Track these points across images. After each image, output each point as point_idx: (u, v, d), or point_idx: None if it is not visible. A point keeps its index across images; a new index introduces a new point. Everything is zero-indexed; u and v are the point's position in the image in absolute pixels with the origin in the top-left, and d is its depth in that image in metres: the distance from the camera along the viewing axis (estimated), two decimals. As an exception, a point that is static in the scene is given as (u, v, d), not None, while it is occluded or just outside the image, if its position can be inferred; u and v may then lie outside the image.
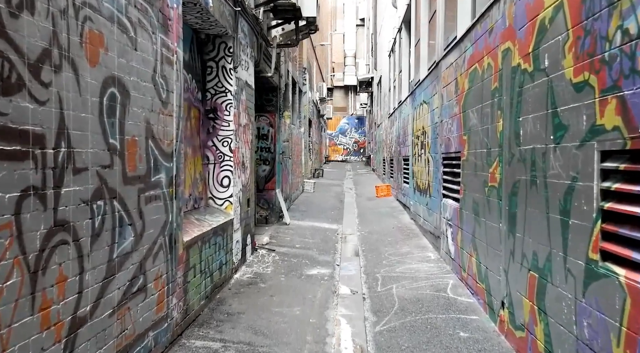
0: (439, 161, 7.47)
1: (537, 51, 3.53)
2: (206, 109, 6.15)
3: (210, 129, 6.16)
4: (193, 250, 4.66)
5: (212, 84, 6.16)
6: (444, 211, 6.99)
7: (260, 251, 7.64)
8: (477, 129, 5.20)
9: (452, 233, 6.39)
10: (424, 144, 9.12)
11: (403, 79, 12.99)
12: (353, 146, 41.22)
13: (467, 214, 5.63)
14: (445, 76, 6.91)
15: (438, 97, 7.51)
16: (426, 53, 9.21)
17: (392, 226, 10.03)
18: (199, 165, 6.00)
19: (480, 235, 5.04)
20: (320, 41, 25.36)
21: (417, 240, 8.54)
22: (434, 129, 8.00)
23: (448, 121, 6.73)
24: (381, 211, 12.22)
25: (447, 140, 6.81)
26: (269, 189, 10.17)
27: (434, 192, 7.89)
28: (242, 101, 6.67)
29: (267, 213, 10.17)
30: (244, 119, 6.84)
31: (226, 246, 5.89)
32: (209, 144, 6.16)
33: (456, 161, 6.32)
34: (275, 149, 10.21)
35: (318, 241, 8.72)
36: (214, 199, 6.17)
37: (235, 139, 6.27)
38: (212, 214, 5.77)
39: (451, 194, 6.64)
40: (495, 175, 4.53)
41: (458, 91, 6.09)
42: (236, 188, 6.35)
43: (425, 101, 8.93)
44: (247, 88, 6.98)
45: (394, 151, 15.24)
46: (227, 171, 6.17)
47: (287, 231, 9.40)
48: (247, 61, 6.96)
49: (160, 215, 3.81)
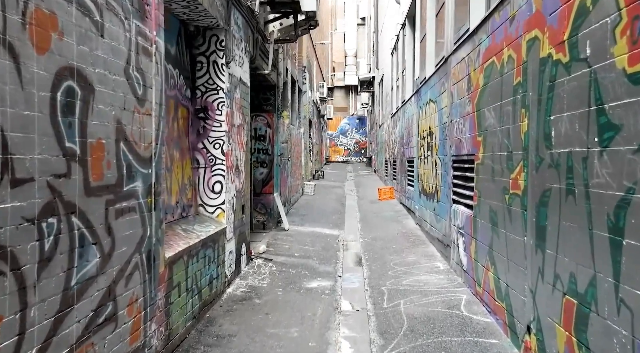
0: (448, 164, 6.95)
1: (575, 38, 3.01)
2: (196, 108, 5.63)
3: (200, 130, 5.64)
4: (177, 266, 4.14)
5: (203, 81, 5.64)
6: (454, 219, 6.47)
7: (256, 261, 7.12)
8: (494, 130, 4.68)
9: (464, 243, 5.87)
10: (430, 146, 8.59)
11: (407, 77, 12.47)
12: (354, 146, 40.70)
13: (482, 224, 5.11)
14: (456, 72, 6.39)
15: (447, 96, 7.00)
16: (433, 49, 8.68)
17: (396, 232, 9.50)
18: (188, 169, 5.49)
19: (499, 247, 4.52)
20: (321, 40, 24.86)
21: (424, 248, 8.02)
22: (442, 130, 7.47)
23: (459, 121, 6.21)
24: (384, 215, 11.70)
25: (457, 141, 6.29)
26: (267, 193, 9.65)
27: (443, 197, 7.37)
28: (235, 100, 6.15)
29: (264, 218, 9.65)
30: (238, 119, 6.32)
31: (217, 258, 5.37)
32: (199, 147, 5.64)
33: (469, 164, 5.80)
34: (273, 151, 9.69)
35: (318, 249, 8.20)
36: (204, 206, 5.65)
37: (228, 141, 5.75)
38: (202, 224, 5.25)
39: (463, 200, 6.11)
40: (519, 181, 4.01)
41: (471, 88, 5.57)
42: (229, 193, 5.83)
43: (432, 99, 8.41)
44: (241, 86, 6.46)
45: (397, 152, 14.71)
46: (219, 175, 5.65)
47: (286, 238, 8.87)
48: (241, 57, 6.44)
49: (135, 230, 3.29)
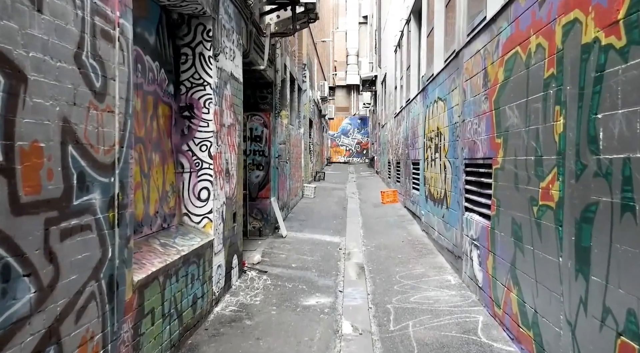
0: (459, 168, 6.34)
1: (636, 16, 2.41)
2: (180, 106, 5.04)
3: (185, 130, 5.05)
4: (151, 290, 3.55)
5: (188, 76, 5.05)
6: (466, 228, 5.87)
7: (249, 273, 6.52)
8: (518, 131, 4.08)
9: (480, 257, 5.27)
10: (438, 147, 7.99)
11: (412, 75, 11.86)
12: (355, 147, 40.10)
13: (502, 237, 4.51)
14: (469, 67, 5.79)
15: (458, 93, 6.39)
16: (442, 43, 8.08)
17: (401, 240, 8.90)
18: (171, 174, 4.89)
19: (525, 266, 3.92)
20: (322, 38, 24.27)
21: (432, 258, 7.42)
22: (452, 130, 6.87)
23: (473, 121, 5.61)
24: (388, 220, 11.10)
25: (471, 143, 5.69)
26: (263, 197, 9.06)
27: (453, 203, 6.76)
28: (225, 97, 5.55)
29: (260, 224, 9.05)
30: (229, 118, 5.72)
31: (203, 274, 4.77)
32: (183, 149, 5.05)
33: (485, 168, 5.20)
34: (270, 153, 9.09)
35: (318, 259, 7.60)
36: (189, 215, 5.06)
37: (216, 142, 5.16)
38: (185, 236, 4.66)
39: (477, 208, 5.51)
40: (551, 192, 3.41)
41: (488, 84, 4.97)
42: (217, 201, 5.24)
43: (440, 97, 7.81)
44: (232, 81, 5.87)
45: (400, 153, 14.11)
46: (206, 181, 5.06)
47: (283, 246, 8.27)
48: (232, 49, 5.84)
49: (90, 252, 2.69)
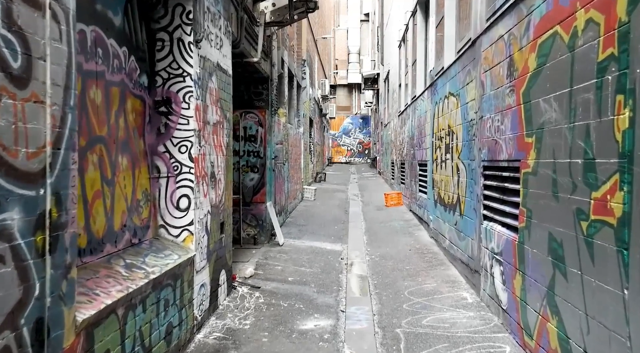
0: (476, 171, 5.63)
1: None
2: (155, 100, 4.33)
3: (161, 129, 4.34)
4: (105, 328, 2.84)
5: (164, 65, 4.34)
6: (486, 240, 5.15)
7: (240, 289, 5.81)
8: (557, 127, 3.37)
9: (504, 274, 4.55)
10: (449, 148, 7.28)
11: (418, 70, 11.14)
12: (357, 147, 39.39)
13: (534, 254, 3.79)
14: (489, 56, 5.08)
15: (475, 86, 5.68)
16: (453, 32, 7.36)
17: (408, 248, 8.19)
18: (144, 180, 4.19)
19: (568, 294, 3.20)
20: (322, 34, 23.57)
21: (444, 270, 6.70)
22: (467, 128, 6.16)
23: (494, 117, 4.90)
24: (393, 225, 10.38)
25: (491, 143, 4.98)
26: (258, 202, 8.34)
27: (468, 210, 6.05)
28: (210, 90, 4.85)
29: (255, 231, 8.34)
30: (215, 115, 5.02)
31: (181, 298, 4.06)
32: (159, 150, 4.34)
33: (510, 172, 4.48)
34: (265, 154, 8.38)
35: (317, 270, 6.89)
36: (166, 228, 4.35)
37: (198, 143, 4.45)
38: (159, 254, 3.95)
39: (500, 218, 4.79)
40: (610, 204, 2.69)
41: (515, 74, 4.26)
42: (200, 210, 4.53)
43: (452, 92, 7.09)
44: (219, 73, 5.16)
45: (405, 154, 13.39)
46: (187, 187, 4.35)
47: (280, 256, 7.56)
48: (219, 37, 5.14)
49: (2, 292, 1.99)
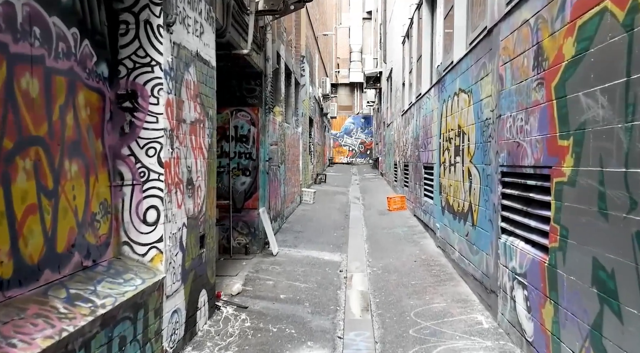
0: (492, 177, 4.95)
1: None
2: (118, 94, 3.66)
3: (125, 128, 3.67)
4: (23, 389, 2.17)
5: (129, 52, 3.67)
6: (505, 256, 4.48)
7: (225, 310, 5.14)
8: (606, 128, 2.69)
9: (529, 300, 3.87)
10: (459, 150, 6.60)
11: (424, 66, 10.46)
12: (359, 147, 38.72)
13: (572, 282, 3.12)
14: (509, 45, 4.40)
15: (491, 81, 5.00)
16: (464, 23, 6.68)
17: (413, 259, 7.51)
18: (103, 188, 3.52)
19: (625, 340, 2.52)
20: (323, 31, 22.89)
21: (454, 286, 6.02)
22: (481, 129, 5.48)
23: (516, 116, 4.22)
24: (397, 232, 9.69)
25: (512, 145, 4.31)
26: (250, 208, 7.67)
27: (482, 221, 5.37)
28: (187, 83, 4.18)
29: (247, 240, 7.67)
30: (193, 112, 4.35)
31: (144, 332, 3.39)
32: (123, 153, 3.68)
33: (537, 180, 3.80)
34: (258, 155, 7.71)
35: (313, 286, 6.21)
36: (131, 245, 3.68)
37: (170, 144, 3.78)
38: (117, 278, 3.28)
39: (523, 232, 4.11)
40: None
41: (544, 64, 3.58)
42: (172, 223, 3.86)
43: (463, 89, 6.41)
44: (199, 64, 4.49)
45: (409, 155, 12.71)
46: (155, 197, 3.68)
47: (272, 269, 6.89)
48: (199, 23, 4.47)
49: None
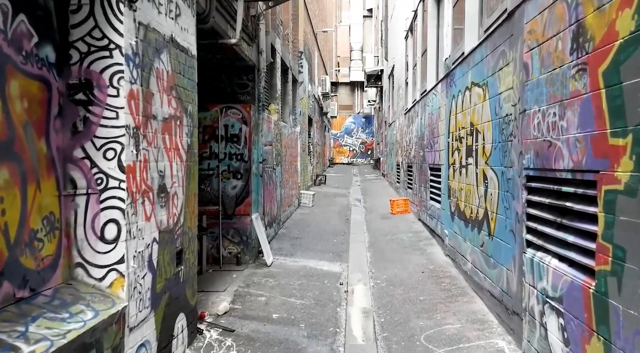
0: (515, 181, 4.31)
1: None
2: (69, 84, 3.02)
3: (78, 125, 3.03)
4: None
5: (82, 33, 3.03)
6: (533, 275, 3.83)
7: (208, 334, 4.49)
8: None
9: (567, 331, 3.22)
10: (472, 150, 5.96)
11: (429, 61, 9.81)
12: (360, 147, 38.06)
13: (633, 319, 2.47)
14: (537, 28, 3.76)
15: (512, 71, 4.36)
16: (477, 9, 6.04)
17: (420, 269, 6.86)
18: (48, 199, 2.87)
19: None
20: (323, 28, 22.25)
21: (467, 303, 5.37)
22: (499, 126, 4.84)
23: (547, 110, 3.57)
24: (401, 238, 9.04)
25: (542, 145, 3.66)
26: (242, 214, 7.02)
27: (501, 231, 4.73)
28: (158, 73, 3.54)
29: (238, 249, 7.02)
30: (167, 107, 3.70)
31: (97, 376, 2.75)
32: (75, 156, 3.03)
33: (577, 187, 3.15)
34: (251, 156, 7.06)
35: (310, 302, 5.56)
36: (85, 267, 3.04)
37: (134, 145, 3.14)
38: (61, 312, 2.63)
39: (556, 248, 3.46)
40: None
41: (587, 46, 2.94)
42: (138, 240, 3.21)
43: (476, 82, 5.77)
44: (174, 51, 3.85)
45: (413, 156, 12.06)
46: (115, 208, 3.04)
47: (265, 282, 6.24)
48: (174, 2, 3.83)
49: None
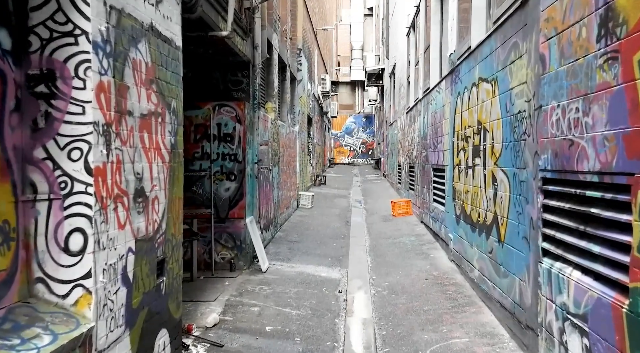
0: (529, 184, 3.94)
1: None
2: (29, 75, 2.66)
3: (39, 121, 2.67)
4: None
5: (43, 16, 2.67)
6: (551, 287, 3.46)
7: (194, 349, 4.12)
8: None
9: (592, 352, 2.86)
10: (479, 150, 5.59)
11: (432, 58, 9.44)
12: (360, 147, 37.71)
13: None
14: (556, 15, 3.39)
15: (527, 64, 3.99)
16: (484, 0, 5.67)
17: (424, 275, 6.49)
18: (3, 206, 2.51)
19: None
20: (323, 25, 21.89)
21: (475, 314, 5.00)
22: (510, 124, 4.47)
23: (568, 105, 3.21)
24: (403, 242, 8.68)
25: (562, 144, 3.29)
26: (235, 217, 6.66)
27: (513, 237, 4.36)
28: (135, 64, 3.17)
29: (232, 254, 6.66)
30: (145, 102, 3.34)
31: (55, 411, 2.38)
32: (35, 156, 2.67)
33: (607, 191, 2.78)
34: (245, 157, 6.69)
35: (306, 313, 5.19)
36: (47, 283, 2.67)
37: (104, 144, 2.77)
38: (11, 337, 2.26)
39: (581, 260, 3.09)
40: None
41: (619, 31, 2.58)
42: (109, 251, 2.85)
43: (484, 78, 5.40)
44: (155, 41, 3.48)
45: (415, 156, 11.70)
46: (81, 216, 2.67)
47: (259, 290, 5.87)
48: (155, -13, 3.47)
49: None
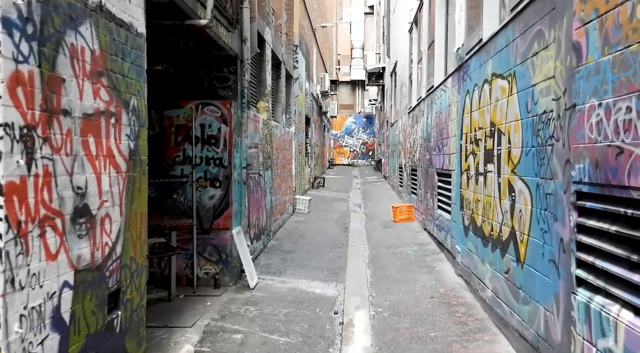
0: (559, 198, 3.31)
1: None
2: None
3: None
4: None
5: (-62, -15, 2.04)
6: (590, 326, 2.82)
7: (160, 392, 3.50)
8: None
9: None
10: (492, 155, 4.96)
11: (436, 54, 8.81)
12: (361, 148, 37.09)
13: None
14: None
15: (555, 56, 3.35)
16: (500, -14, 5.05)
17: (429, 293, 5.85)
18: None
19: None
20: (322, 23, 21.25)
21: (489, 343, 4.36)
22: (531, 126, 3.84)
23: (614, 104, 2.58)
24: (405, 252, 8.04)
25: (604, 152, 2.66)
26: (221, 228, 6.02)
27: (536, 258, 3.73)
28: (75, 51, 2.54)
29: (216, 269, 6.02)
30: (92, 99, 2.71)
31: None
32: None
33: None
34: (231, 161, 6.05)
35: (296, 340, 4.55)
36: (-57, 335, 2.05)
37: (21, 153, 2.14)
38: None
39: (632, 298, 2.46)
40: None
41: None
42: (29, 291, 2.22)
43: (498, 73, 4.77)
44: (106, 24, 2.85)
45: (418, 158, 11.06)
46: (-8, 247, 2.05)
47: (245, 312, 5.23)
48: (107, -42, 2.83)
49: None
